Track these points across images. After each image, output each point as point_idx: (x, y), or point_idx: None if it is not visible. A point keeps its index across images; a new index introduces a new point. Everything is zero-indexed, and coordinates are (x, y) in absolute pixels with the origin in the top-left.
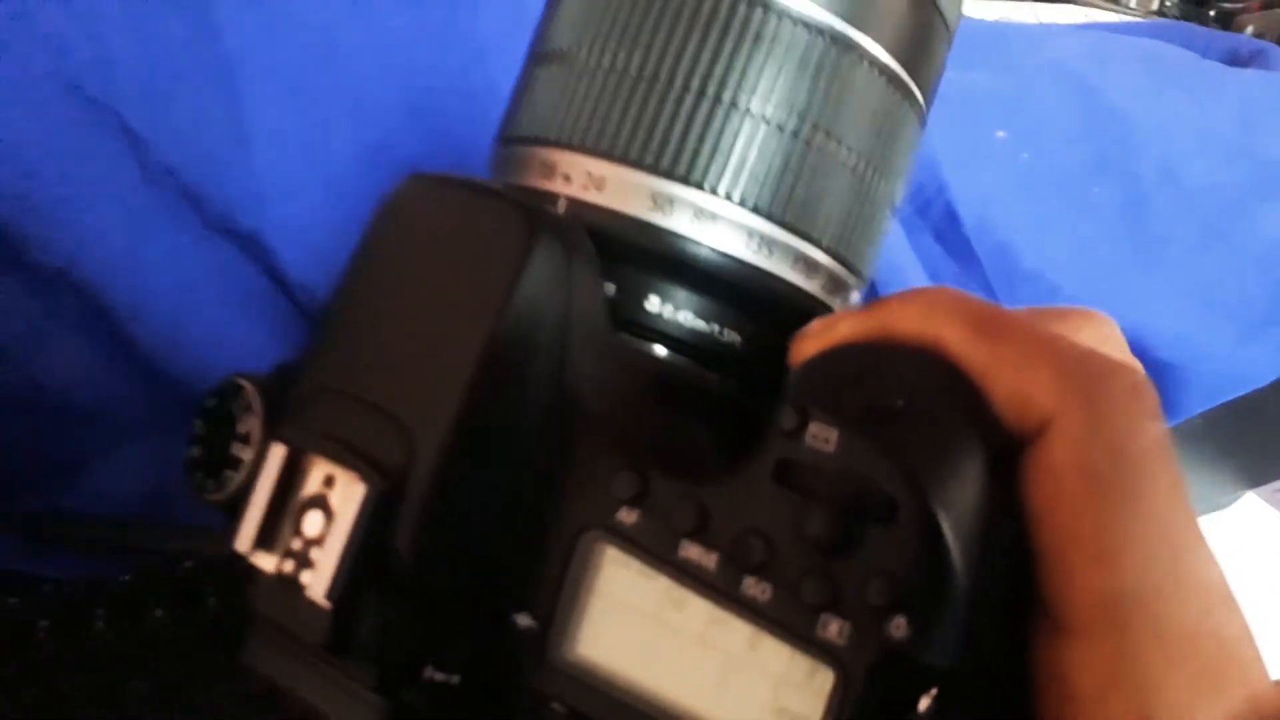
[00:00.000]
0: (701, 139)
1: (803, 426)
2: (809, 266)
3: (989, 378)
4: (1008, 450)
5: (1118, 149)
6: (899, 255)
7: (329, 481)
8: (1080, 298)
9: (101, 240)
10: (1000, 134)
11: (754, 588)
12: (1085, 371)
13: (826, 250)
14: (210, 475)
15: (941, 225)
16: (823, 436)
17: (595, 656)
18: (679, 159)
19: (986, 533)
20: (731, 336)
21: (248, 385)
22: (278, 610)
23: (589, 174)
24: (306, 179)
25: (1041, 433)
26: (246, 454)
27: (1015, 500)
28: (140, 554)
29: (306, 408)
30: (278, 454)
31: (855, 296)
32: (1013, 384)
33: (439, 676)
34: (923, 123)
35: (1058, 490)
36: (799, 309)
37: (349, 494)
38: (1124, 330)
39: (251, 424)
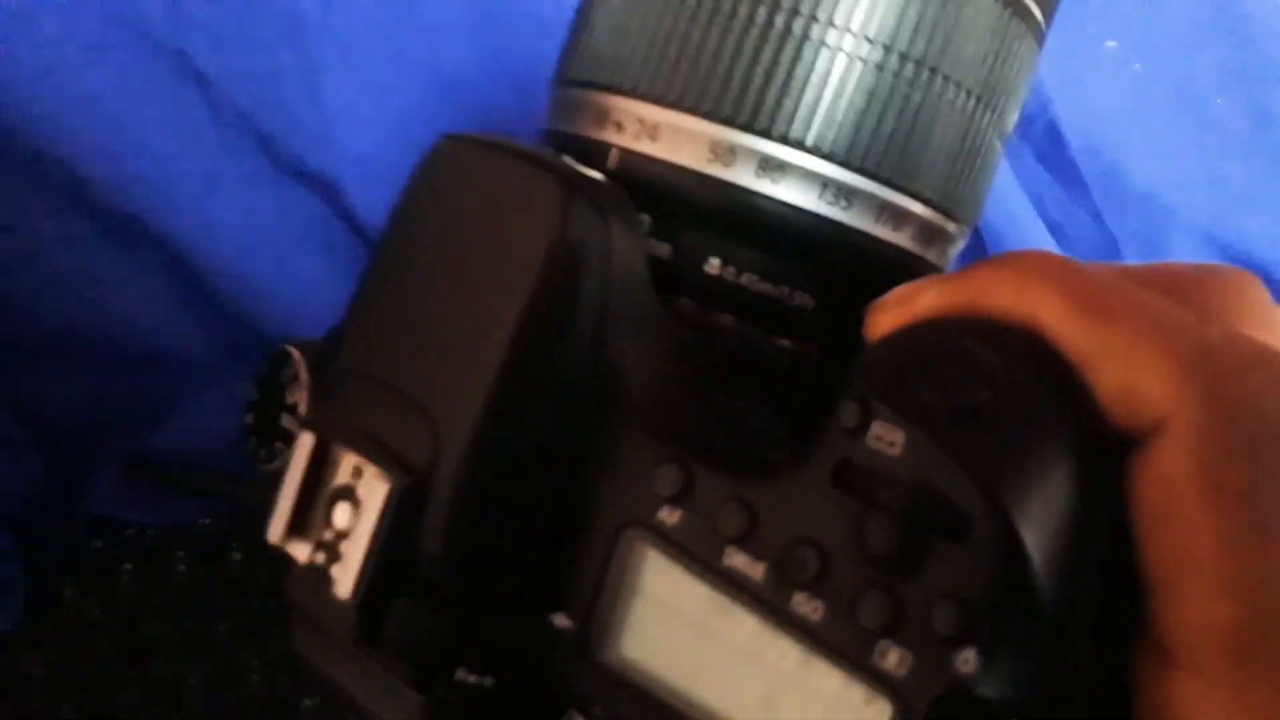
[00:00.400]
0: (767, 80)
1: (865, 424)
2: (897, 217)
3: (1093, 365)
4: (1112, 453)
5: (1245, 56)
6: (998, 180)
7: (358, 472)
8: (1199, 221)
9: (173, 183)
10: (1110, 43)
11: (804, 605)
12: (1212, 360)
13: (919, 198)
14: (263, 444)
15: (1044, 145)
16: (887, 438)
17: (637, 660)
18: (741, 104)
19: (1078, 554)
20: (803, 299)
21: (295, 354)
22: (310, 601)
23: (642, 121)
24: (377, 118)
25: (1154, 433)
26: (294, 424)
27: (1118, 512)
28: (227, 500)
29: (336, 392)
30: (306, 443)
31: (957, 245)
32: (1122, 374)
33: (472, 679)
34: (1041, 41)
35: (1171, 503)
36: (885, 264)
37: (375, 489)
38: (1251, 256)
39: (299, 395)
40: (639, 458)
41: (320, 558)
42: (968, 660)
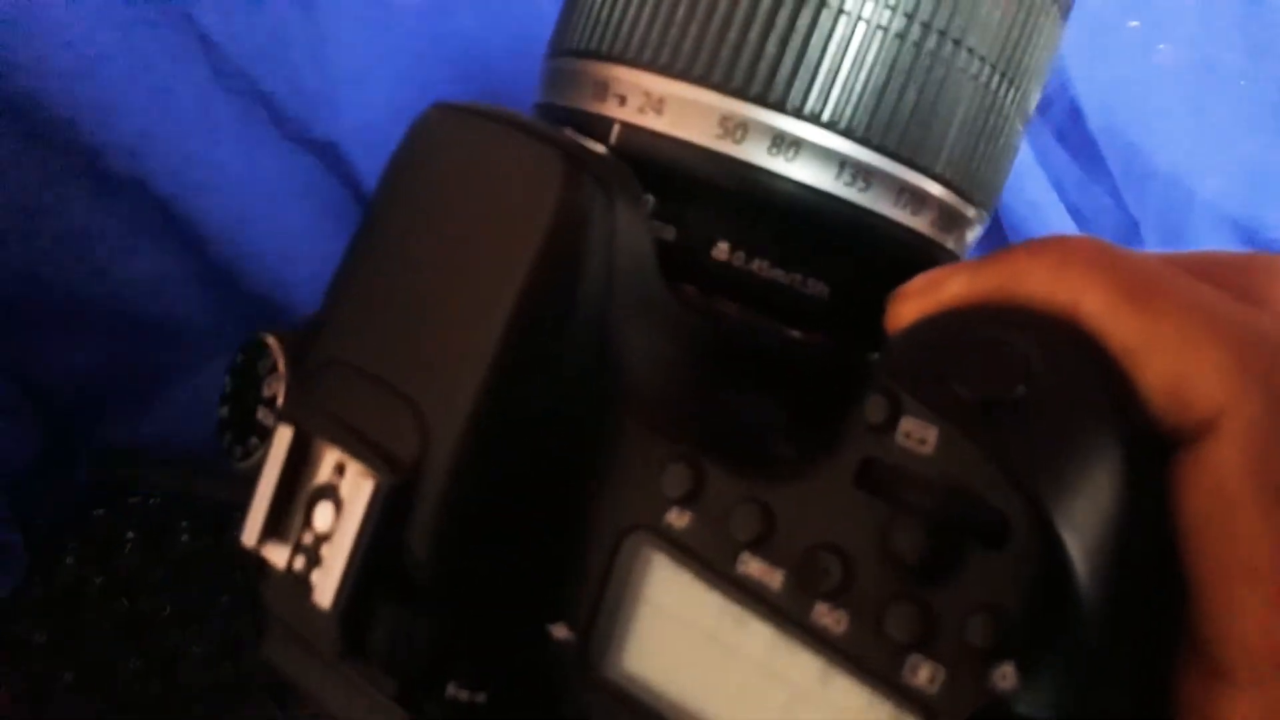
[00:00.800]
0: (782, 49)
1: (894, 420)
2: (916, 199)
3: (1140, 358)
4: (1157, 451)
5: (1271, 38)
6: (1016, 161)
7: (340, 469)
8: (1221, 204)
9: (177, 149)
10: (1133, 23)
11: (826, 616)
12: (1269, 352)
13: (939, 179)
14: (237, 440)
15: (1065, 125)
16: (918, 435)
17: (641, 674)
18: (754, 74)
19: (1123, 561)
20: (817, 287)
21: (273, 344)
22: (288, 611)
23: (647, 94)
24: (383, 85)
25: (1206, 431)
26: (271, 421)
27: (1163, 515)
28: (202, 501)
29: (317, 383)
30: (284, 437)
31: (975, 232)
32: (1171, 367)
33: (463, 695)
34: (1065, 15)
35: (1225, 506)
36: (903, 250)
37: (358, 487)
38: (1274, 240)
39: (277, 388)
40: (645, 455)
41: (299, 563)
42: (1005, 676)
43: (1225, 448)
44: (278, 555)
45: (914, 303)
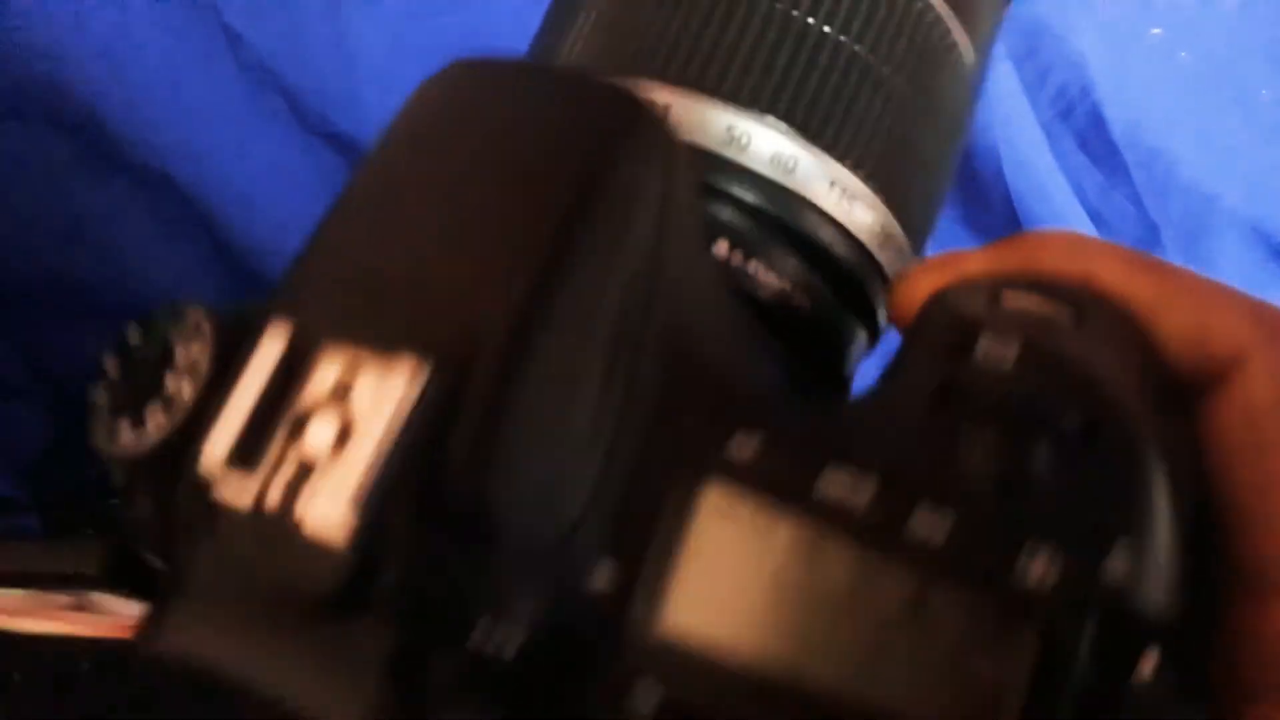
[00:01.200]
0: (790, 66)
1: (971, 340)
2: (885, 233)
3: (1161, 311)
4: (1183, 393)
5: None
6: (1038, 164)
7: (342, 387)
8: (1241, 210)
9: (199, 142)
10: (1155, 30)
11: (925, 525)
12: (1271, 309)
13: (898, 217)
14: (127, 412)
15: (1087, 131)
16: (998, 353)
17: (696, 625)
18: (760, 92)
19: (1189, 466)
20: (801, 300)
21: (195, 311)
22: (257, 558)
23: (651, 102)
24: (406, 80)
25: (1230, 371)
26: (186, 388)
27: (1199, 452)
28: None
29: (313, 286)
30: (276, 339)
31: None
32: (1190, 318)
33: (489, 648)
34: (976, 94)
35: (1258, 431)
36: (867, 277)
37: (383, 390)
38: None
39: (199, 354)
40: (700, 387)
41: (275, 496)
42: (1118, 562)
43: (1253, 381)
44: (240, 491)
45: (932, 275)
